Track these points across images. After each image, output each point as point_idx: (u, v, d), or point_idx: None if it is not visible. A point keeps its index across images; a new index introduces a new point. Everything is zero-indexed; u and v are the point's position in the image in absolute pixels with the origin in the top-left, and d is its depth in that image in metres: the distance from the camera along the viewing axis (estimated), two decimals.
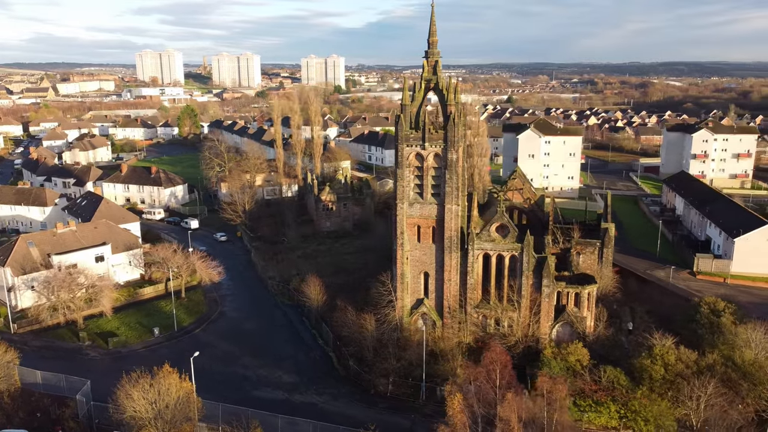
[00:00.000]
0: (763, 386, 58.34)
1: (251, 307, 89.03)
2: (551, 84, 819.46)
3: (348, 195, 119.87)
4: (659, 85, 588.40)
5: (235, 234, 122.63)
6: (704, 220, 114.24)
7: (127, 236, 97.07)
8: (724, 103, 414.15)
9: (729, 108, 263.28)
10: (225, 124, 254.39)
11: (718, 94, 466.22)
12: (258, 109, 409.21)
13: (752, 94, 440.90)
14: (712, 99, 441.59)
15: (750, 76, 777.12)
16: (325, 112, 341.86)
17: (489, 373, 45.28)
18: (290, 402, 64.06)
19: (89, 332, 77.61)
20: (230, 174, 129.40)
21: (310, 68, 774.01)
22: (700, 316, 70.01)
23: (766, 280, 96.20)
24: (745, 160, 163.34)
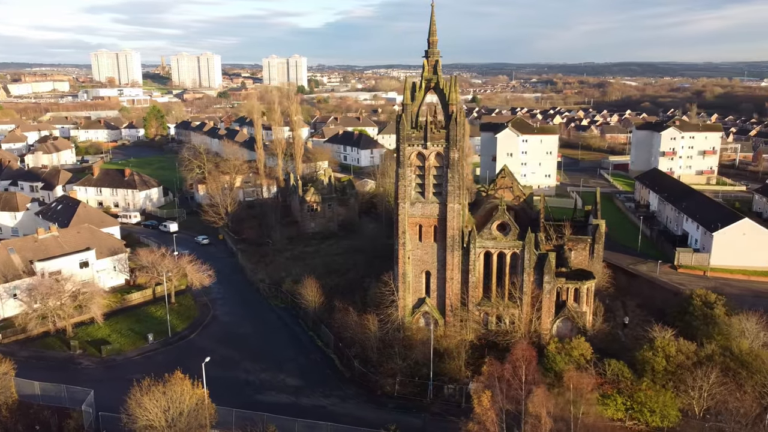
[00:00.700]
0: (761, 374, 60.41)
1: (244, 310, 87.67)
2: (511, 84, 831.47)
3: (332, 195, 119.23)
4: (617, 84, 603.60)
5: (217, 237, 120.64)
6: (680, 215, 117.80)
7: (111, 241, 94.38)
8: (679, 102, 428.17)
9: (691, 107, 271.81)
10: (193, 125, 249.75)
11: (673, 94, 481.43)
12: (222, 109, 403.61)
13: (705, 94, 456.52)
14: (668, 98, 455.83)
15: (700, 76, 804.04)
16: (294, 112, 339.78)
17: (515, 370, 45.64)
18: (298, 405, 63.30)
19: (80, 340, 75.09)
20: (210, 176, 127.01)
21: (272, 68, 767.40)
22: (693, 308, 72.13)
23: (742, 272, 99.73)
24: (710, 157, 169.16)
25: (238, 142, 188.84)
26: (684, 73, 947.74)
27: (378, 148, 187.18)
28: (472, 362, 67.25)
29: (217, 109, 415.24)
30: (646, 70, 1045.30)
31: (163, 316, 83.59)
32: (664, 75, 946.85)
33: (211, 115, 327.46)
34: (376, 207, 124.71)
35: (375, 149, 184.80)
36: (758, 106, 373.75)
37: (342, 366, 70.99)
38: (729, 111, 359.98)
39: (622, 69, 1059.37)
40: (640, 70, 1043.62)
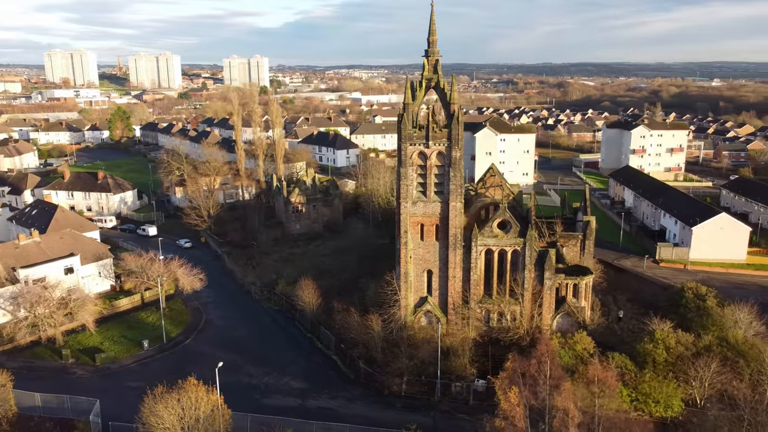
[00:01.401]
0: (757, 363, 62.52)
1: (237, 314, 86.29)
2: (473, 84, 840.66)
3: (317, 196, 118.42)
4: (576, 84, 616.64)
5: (199, 240, 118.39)
6: (657, 211, 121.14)
7: (95, 246, 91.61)
8: (638, 101, 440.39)
9: (656, 107, 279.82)
10: (160, 126, 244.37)
11: (631, 93, 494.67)
12: (185, 110, 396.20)
13: (662, 93, 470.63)
14: (626, 98, 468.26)
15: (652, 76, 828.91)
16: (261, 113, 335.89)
17: (540, 365, 46.18)
18: (305, 408, 62.68)
19: (71, 349, 72.63)
20: (190, 178, 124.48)
21: (233, 69, 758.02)
22: (686, 300, 74.22)
23: (721, 265, 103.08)
24: (678, 154, 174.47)
25: (211, 144, 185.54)
26: (637, 74, 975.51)
27: (354, 149, 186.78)
28: (476, 359, 67.79)
29: (179, 110, 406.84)
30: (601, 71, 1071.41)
31: (154, 322, 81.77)
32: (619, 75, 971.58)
33: (175, 117, 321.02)
34: (361, 207, 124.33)
35: (351, 149, 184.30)
36: (713, 105, 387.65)
37: (345, 367, 70.58)
38: (685, 110, 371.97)
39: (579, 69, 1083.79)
40: (596, 71, 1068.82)
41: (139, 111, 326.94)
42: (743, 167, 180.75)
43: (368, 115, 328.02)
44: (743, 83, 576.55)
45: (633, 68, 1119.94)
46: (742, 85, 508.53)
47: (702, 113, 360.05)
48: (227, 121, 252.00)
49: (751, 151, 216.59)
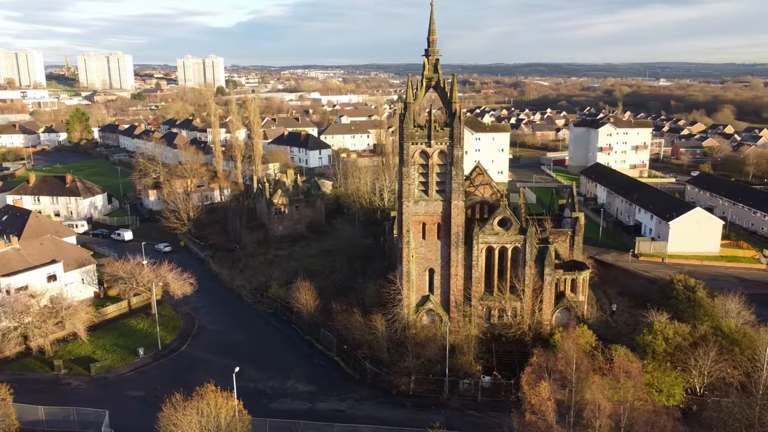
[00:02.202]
0: (750, 350, 65.04)
1: (230, 318, 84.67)
2: None
3: (299, 197, 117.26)
4: (533, 84, 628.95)
5: (179, 244, 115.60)
6: (632, 206, 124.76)
7: (77, 252, 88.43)
8: (593, 101, 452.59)
9: (617, 106, 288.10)
10: (121, 128, 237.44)
11: (586, 93, 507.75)
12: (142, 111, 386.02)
13: (615, 93, 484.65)
14: (582, 97, 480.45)
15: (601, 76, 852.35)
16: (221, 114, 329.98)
17: (568, 359, 46.93)
18: (315, 411, 62.02)
19: (63, 359, 69.81)
20: (167, 181, 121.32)
21: (187, 69, 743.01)
22: (676, 292, 76.62)
23: (696, 257, 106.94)
24: (642, 152, 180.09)
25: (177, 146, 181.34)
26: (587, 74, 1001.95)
27: (326, 149, 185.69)
28: (480, 356, 68.39)
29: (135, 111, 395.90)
30: (552, 71, 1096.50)
31: (146, 329, 79.58)
32: (570, 75, 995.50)
33: (134, 118, 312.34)
34: (342, 208, 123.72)
35: (323, 150, 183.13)
36: (664, 104, 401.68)
37: (350, 368, 70.11)
38: (639, 109, 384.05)
39: (532, 69, 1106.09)
40: (547, 71, 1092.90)
41: (96, 112, 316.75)
42: (703, 164, 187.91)
43: (332, 115, 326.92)
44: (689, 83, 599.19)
45: (582, 68, 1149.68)
46: (689, 85, 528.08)
47: (655, 112, 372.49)
48: (191, 122, 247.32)
49: (706, 148, 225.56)
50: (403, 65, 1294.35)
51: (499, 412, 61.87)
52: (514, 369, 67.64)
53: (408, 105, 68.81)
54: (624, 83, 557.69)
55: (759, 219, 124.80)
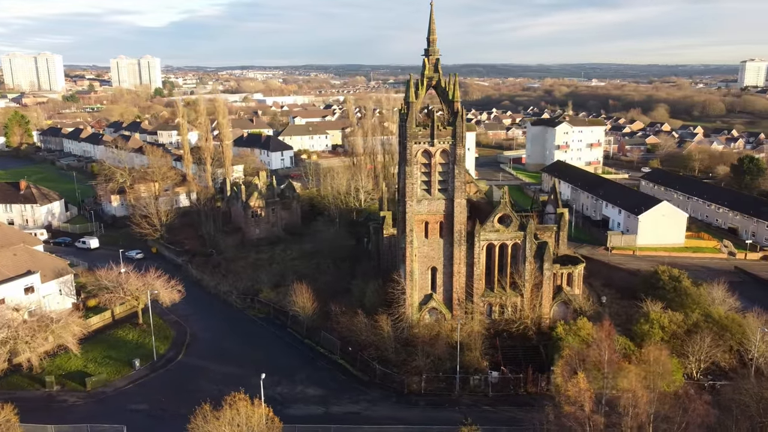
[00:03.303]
0: (739, 335, 68.62)
1: (222, 324, 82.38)
2: (371, 84, 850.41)
3: (275, 199, 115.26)
4: (475, 85, 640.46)
5: (150, 250, 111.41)
6: (598, 202, 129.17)
7: (53, 261, 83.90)
8: (534, 100, 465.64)
9: (567, 105, 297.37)
10: (65, 131, 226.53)
11: (527, 93, 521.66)
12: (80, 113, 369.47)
13: (554, 92, 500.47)
14: (524, 97, 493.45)
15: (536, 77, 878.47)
16: (165, 116, 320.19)
17: (600, 350, 48.18)
18: (331, 415, 61.26)
19: (54, 375, 66.08)
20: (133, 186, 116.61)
21: (121, 69, 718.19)
22: (663, 283, 79.93)
23: (664, 249, 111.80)
24: (596, 149, 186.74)
25: (133, 149, 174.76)
26: (522, 74, 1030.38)
27: (288, 150, 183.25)
28: (485, 352, 69.18)
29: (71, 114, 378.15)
30: (489, 71, 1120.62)
31: (136, 339, 76.60)
32: (506, 75, 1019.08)
33: (73, 121, 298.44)
34: (317, 209, 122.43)
35: (285, 151, 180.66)
36: (602, 103, 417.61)
37: (356, 370, 69.52)
38: (579, 108, 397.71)
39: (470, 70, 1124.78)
40: (484, 71, 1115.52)
41: (30, 115, 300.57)
42: (651, 160, 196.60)
43: (282, 116, 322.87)
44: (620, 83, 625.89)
45: (518, 69, 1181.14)
46: (623, 85, 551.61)
47: (595, 111, 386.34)
48: (139, 124, 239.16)
49: (649, 145, 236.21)
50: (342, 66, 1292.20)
51: (512, 406, 63.13)
52: (519, 363, 68.86)
53: (411, 104, 68.94)
54: (562, 83, 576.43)
55: (713, 211, 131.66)
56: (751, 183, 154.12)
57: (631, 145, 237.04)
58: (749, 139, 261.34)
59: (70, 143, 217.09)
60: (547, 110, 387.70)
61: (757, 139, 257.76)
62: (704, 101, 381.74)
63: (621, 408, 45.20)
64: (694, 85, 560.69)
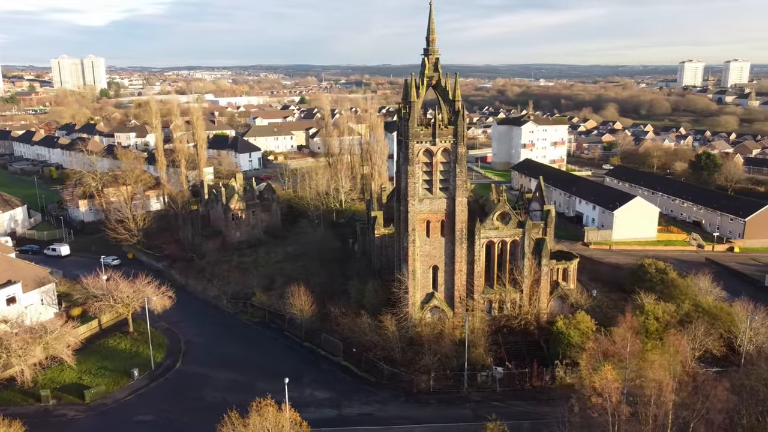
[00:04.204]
0: (727, 323, 71.58)
1: (216, 330, 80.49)
2: (323, 85, 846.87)
3: (255, 202, 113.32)
4: None
5: (126, 256, 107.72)
6: (571, 198, 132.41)
7: (33, 270, 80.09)
8: (489, 100, 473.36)
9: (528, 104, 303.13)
10: (14, 134, 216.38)
11: (480, 93, 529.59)
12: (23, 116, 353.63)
13: (507, 92, 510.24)
14: (478, 96, 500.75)
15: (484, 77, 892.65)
16: (118, 117, 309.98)
17: (623, 343, 49.39)
18: (345, 417, 60.83)
19: (51, 389, 63.10)
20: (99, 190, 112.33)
21: (63, 70, 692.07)
22: (650, 275, 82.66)
23: (638, 243, 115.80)
24: (560, 147, 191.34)
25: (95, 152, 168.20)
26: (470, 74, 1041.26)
27: (256, 151, 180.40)
28: (488, 348, 69.95)
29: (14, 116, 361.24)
30: None
31: (128, 349, 74.06)
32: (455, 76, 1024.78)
33: (19, 124, 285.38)
34: (297, 211, 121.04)
35: (253, 153, 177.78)
36: (555, 103, 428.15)
37: (362, 371, 69.13)
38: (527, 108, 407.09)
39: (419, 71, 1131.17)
40: None
41: None
42: (612, 157, 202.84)
43: (240, 117, 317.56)
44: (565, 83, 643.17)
45: (466, 70, 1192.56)
46: (572, 85, 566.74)
47: (548, 110, 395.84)
48: (94, 126, 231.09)
49: (605, 143, 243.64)
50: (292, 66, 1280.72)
51: (520, 400, 64.22)
52: (522, 358, 69.97)
53: (412, 104, 69.02)
54: (513, 83, 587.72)
55: (678, 206, 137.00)
56: (709, 178, 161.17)
57: (588, 143, 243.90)
58: (696, 136, 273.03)
59: (21, 147, 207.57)
60: (503, 110, 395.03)
61: (704, 136, 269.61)
62: (651, 100, 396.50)
63: (645, 397, 46.46)
64: (637, 84, 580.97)
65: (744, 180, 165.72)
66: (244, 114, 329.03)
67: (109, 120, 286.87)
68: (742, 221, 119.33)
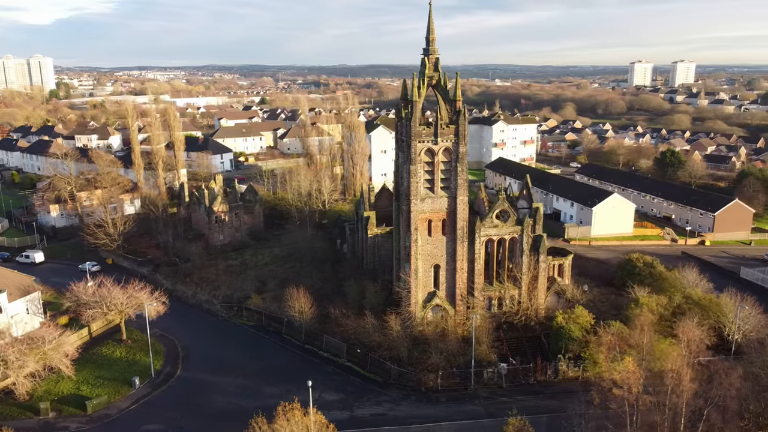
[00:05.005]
0: (715, 313, 74.29)
1: (211, 335, 78.85)
2: (280, 85, 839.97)
3: (238, 204, 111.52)
4: (386, 85, 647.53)
5: (106, 261, 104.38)
6: (548, 196, 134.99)
7: (17, 278, 76.80)
8: None
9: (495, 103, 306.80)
10: None
11: None
12: None
13: (467, 92, 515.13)
14: None
15: None
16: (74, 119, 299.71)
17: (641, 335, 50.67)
18: (358, 418, 60.53)
19: (50, 401, 60.65)
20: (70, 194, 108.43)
21: (8, 70, 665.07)
22: (638, 269, 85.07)
23: (616, 238, 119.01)
24: (530, 146, 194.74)
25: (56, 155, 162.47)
26: None
27: (227, 153, 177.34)
28: (491, 345, 70.77)
29: None
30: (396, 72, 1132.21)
31: (124, 356, 71.94)
32: None
33: None
34: (280, 213, 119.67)
35: (225, 154, 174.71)
36: (514, 103, 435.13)
37: (368, 372, 68.92)
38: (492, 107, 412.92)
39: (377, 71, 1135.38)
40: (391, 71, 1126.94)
41: None
42: (578, 155, 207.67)
43: (201, 118, 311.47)
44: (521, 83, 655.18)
45: None
46: (529, 85, 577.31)
47: (509, 110, 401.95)
48: (52, 128, 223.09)
49: (569, 141, 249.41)
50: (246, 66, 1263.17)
51: (527, 395, 65.25)
52: (524, 353, 71.13)
53: (414, 103, 69.17)
54: (473, 83, 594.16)
55: (648, 201, 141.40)
56: (673, 175, 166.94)
57: (552, 142, 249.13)
58: (653, 134, 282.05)
59: None
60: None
61: (660, 134, 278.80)
62: (606, 100, 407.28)
63: (664, 386, 47.79)
64: (590, 84, 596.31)
65: (705, 176, 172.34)
66: (206, 115, 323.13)
67: (65, 122, 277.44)
68: (711, 215, 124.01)
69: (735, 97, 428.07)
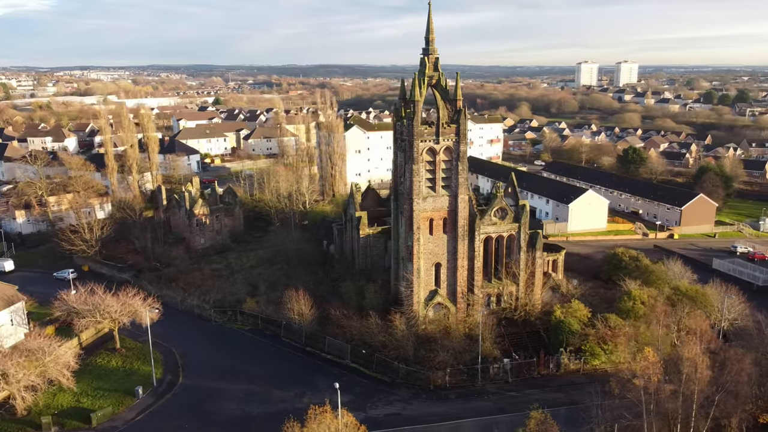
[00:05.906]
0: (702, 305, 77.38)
1: (207, 341, 77.05)
2: (230, 85, 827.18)
3: (219, 206, 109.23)
4: (339, 86, 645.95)
5: (82, 268, 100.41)
6: (522, 192, 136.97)
7: (0, 288, 73.05)
8: None
9: None
10: None
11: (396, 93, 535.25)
12: None
13: None
14: (393, 97, 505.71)
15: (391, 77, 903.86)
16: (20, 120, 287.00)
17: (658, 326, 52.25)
18: (372, 418, 60.18)
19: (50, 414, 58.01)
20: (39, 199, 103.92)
21: None
22: (624, 263, 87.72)
23: (591, 233, 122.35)
24: (496, 145, 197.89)
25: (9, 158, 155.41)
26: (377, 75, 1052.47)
27: (194, 154, 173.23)
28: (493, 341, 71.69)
29: None
30: (346, 72, 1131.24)
31: (120, 366, 69.69)
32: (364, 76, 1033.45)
33: None
34: (260, 214, 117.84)
35: (192, 155, 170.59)
36: (471, 102, 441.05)
37: (374, 372, 68.72)
38: None
39: (327, 71, 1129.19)
40: (341, 71, 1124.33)
41: None
42: (543, 153, 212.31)
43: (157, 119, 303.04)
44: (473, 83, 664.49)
45: (372, 70, 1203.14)
46: (483, 85, 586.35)
47: None
48: (2, 131, 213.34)
49: (529, 140, 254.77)
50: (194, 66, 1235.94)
51: (533, 389, 66.47)
52: (526, 348, 72.39)
53: (416, 103, 69.41)
54: None
55: (616, 197, 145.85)
56: (635, 171, 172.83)
57: (513, 141, 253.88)
58: (607, 132, 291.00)
59: None
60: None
61: (613, 132, 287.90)
62: (559, 99, 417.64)
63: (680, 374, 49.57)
64: (541, 84, 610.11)
65: (665, 172, 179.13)
66: (161, 116, 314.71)
67: (12, 123, 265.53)
68: (678, 210, 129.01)
69: (679, 96, 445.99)
